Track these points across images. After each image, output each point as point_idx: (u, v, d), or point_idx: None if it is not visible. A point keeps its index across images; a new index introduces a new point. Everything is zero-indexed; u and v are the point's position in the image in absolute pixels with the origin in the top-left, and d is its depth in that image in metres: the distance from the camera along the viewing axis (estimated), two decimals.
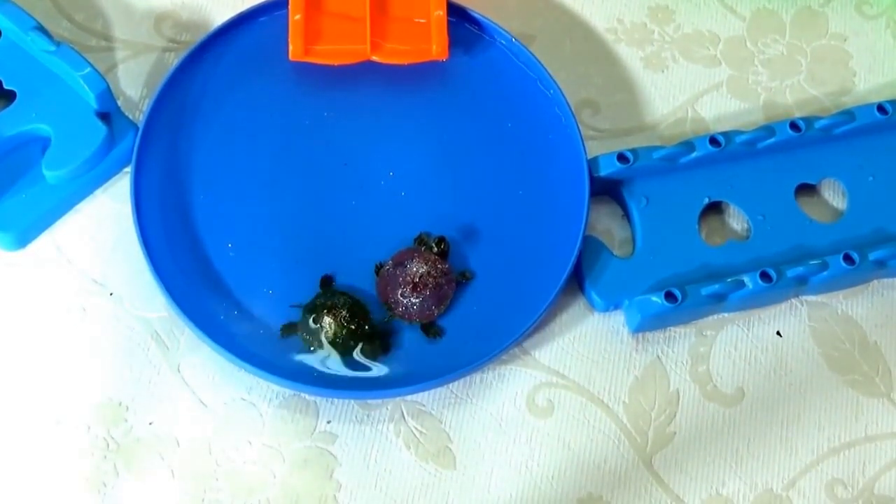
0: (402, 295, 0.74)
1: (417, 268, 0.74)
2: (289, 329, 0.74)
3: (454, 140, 0.80)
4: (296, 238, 0.77)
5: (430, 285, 0.74)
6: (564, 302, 0.78)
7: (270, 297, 0.76)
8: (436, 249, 0.76)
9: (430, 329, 0.75)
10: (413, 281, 0.74)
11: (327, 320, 0.73)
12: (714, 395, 0.76)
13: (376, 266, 0.76)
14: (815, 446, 0.75)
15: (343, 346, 0.73)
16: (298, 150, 0.80)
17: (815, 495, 0.74)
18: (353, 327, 0.73)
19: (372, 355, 0.74)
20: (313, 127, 0.80)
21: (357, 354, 0.74)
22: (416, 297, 0.74)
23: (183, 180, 0.78)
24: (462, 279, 0.76)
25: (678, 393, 0.76)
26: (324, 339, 0.73)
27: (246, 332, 0.74)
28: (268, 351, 0.74)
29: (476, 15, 0.83)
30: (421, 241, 0.77)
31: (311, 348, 0.73)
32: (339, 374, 0.74)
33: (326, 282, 0.75)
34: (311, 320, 0.74)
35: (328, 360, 0.74)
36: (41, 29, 0.78)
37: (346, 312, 0.73)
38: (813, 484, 0.75)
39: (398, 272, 0.75)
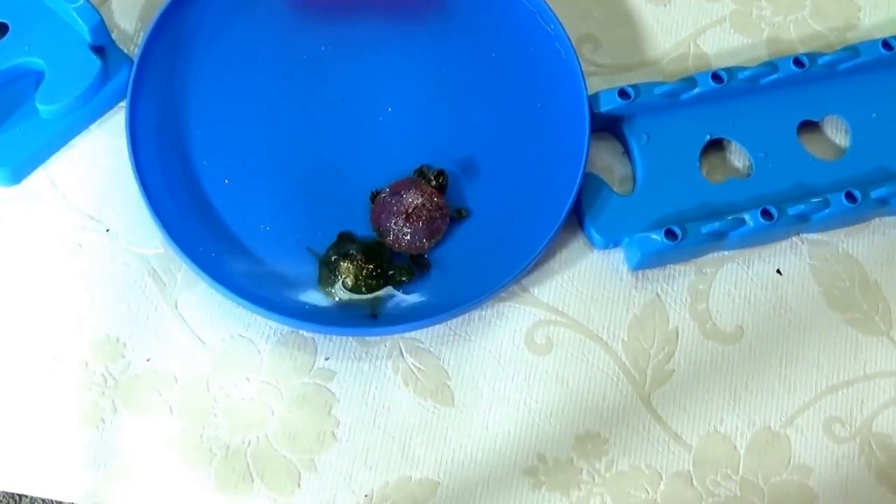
0: (394, 224, 0.74)
1: (413, 198, 0.74)
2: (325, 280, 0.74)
3: (453, 75, 0.80)
4: (293, 173, 0.77)
5: (424, 217, 0.74)
6: (564, 239, 0.78)
7: (267, 232, 0.76)
8: (434, 182, 0.76)
9: (419, 262, 0.75)
10: (407, 211, 0.74)
11: (345, 266, 0.73)
12: (713, 333, 0.77)
13: (372, 193, 0.76)
14: (813, 384, 0.76)
15: (368, 289, 0.74)
16: (296, 85, 0.79)
17: (812, 433, 0.75)
18: (371, 266, 0.73)
19: (410, 276, 0.74)
20: (311, 61, 0.80)
21: (386, 292, 0.74)
22: (408, 228, 0.74)
23: (179, 115, 0.78)
24: (457, 216, 0.76)
25: (677, 331, 0.76)
26: (347, 285, 0.74)
27: (243, 268, 0.74)
28: (265, 287, 0.74)
29: None
30: (421, 172, 0.76)
31: (337, 298, 0.74)
32: (337, 310, 0.74)
33: (343, 237, 0.76)
34: (327, 270, 0.74)
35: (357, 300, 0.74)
36: None
37: (362, 256, 0.74)
38: (811, 422, 0.75)
39: (393, 201, 0.74)
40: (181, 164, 0.77)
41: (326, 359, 0.75)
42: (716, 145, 0.81)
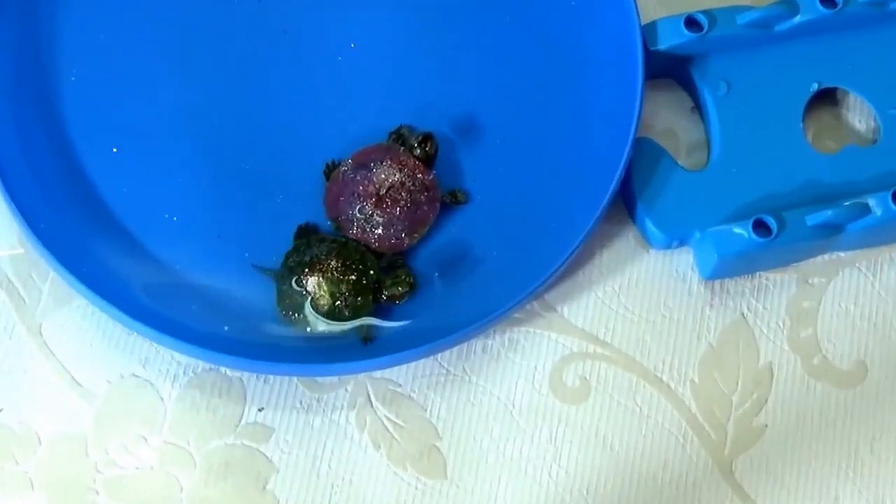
0: (359, 211, 0.70)
1: (387, 174, 0.70)
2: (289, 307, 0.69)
3: None
4: (212, 139, 0.73)
5: (404, 201, 0.69)
6: (606, 235, 0.74)
7: (175, 224, 0.71)
8: (418, 151, 0.71)
9: (397, 265, 0.71)
10: (377, 192, 0.69)
11: (313, 282, 0.68)
12: (824, 372, 0.72)
13: (327, 166, 0.72)
14: None
15: (352, 311, 0.69)
16: (217, 13, 0.75)
17: None
18: (353, 278, 0.69)
19: (410, 286, 0.68)
20: None
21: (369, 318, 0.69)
22: (381, 217, 0.69)
23: (46, 54, 0.73)
24: (451, 201, 0.72)
25: (771, 368, 0.72)
26: (319, 310, 0.69)
27: (139, 276, 0.70)
28: (171, 304, 0.69)
29: None
30: (399, 136, 0.72)
31: (308, 328, 0.69)
32: (271, 339, 0.68)
33: (303, 232, 0.71)
34: (290, 290, 0.69)
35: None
36: None
37: (336, 262, 0.69)
38: None
39: (358, 177, 0.70)
40: (48, 126, 0.72)
41: (260, 409, 0.69)
42: (826, 98, 0.77)
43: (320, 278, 0.69)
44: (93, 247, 0.69)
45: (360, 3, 0.76)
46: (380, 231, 0.70)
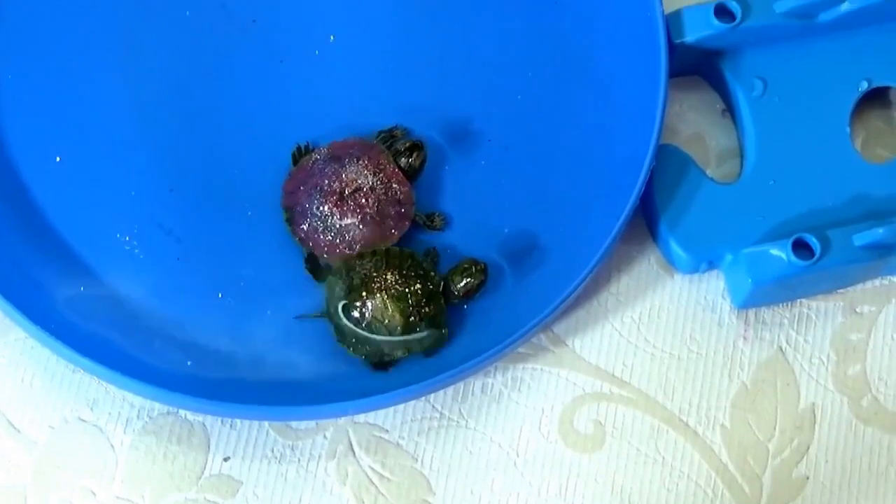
0: (317, 207, 0.68)
1: (357, 173, 0.67)
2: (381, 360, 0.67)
3: None
4: (170, 147, 0.71)
5: (369, 210, 0.67)
6: (624, 257, 0.72)
7: (127, 246, 0.68)
8: (403, 161, 0.69)
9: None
10: (341, 192, 0.67)
11: (373, 305, 0.67)
12: (874, 415, 0.71)
13: (298, 148, 0.70)
14: None
15: (428, 321, 0.66)
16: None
17: None
18: (418, 286, 0.67)
19: (479, 280, 0.67)
20: None
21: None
22: (338, 219, 0.67)
23: None
24: (425, 224, 0.70)
25: (814, 410, 0.70)
26: (392, 332, 0.67)
27: (87, 306, 0.68)
28: (124, 337, 0.67)
29: None
30: (391, 136, 0.70)
31: (386, 357, 0.67)
32: (238, 377, 0.66)
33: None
34: (352, 321, 0.67)
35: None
36: None
37: (392, 274, 0.67)
38: None
39: (327, 170, 0.68)
40: None
41: (226, 459, 0.68)
42: (877, 99, 0.75)
43: (383, 297, 0.68)
44: (33, 271, 0.68)
45: None
46: (330, 237, 0.68)
